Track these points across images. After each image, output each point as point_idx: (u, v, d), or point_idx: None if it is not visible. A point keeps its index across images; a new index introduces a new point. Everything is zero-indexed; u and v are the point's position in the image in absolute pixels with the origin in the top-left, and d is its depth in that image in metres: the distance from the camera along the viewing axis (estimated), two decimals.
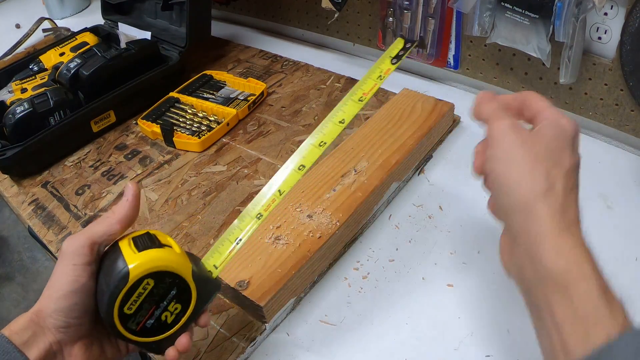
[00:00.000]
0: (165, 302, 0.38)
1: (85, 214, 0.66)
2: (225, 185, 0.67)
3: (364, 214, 0.58)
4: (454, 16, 0.73)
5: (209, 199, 0.65)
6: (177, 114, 0.79)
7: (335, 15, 0.82)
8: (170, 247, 0.39)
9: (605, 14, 0.59)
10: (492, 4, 0.65)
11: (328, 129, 0.44)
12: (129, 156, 0.75)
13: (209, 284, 0.40)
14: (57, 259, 0.60)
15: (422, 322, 0.49)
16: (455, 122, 0.72)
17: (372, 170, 0.60)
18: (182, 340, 0.39)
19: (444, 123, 0.69)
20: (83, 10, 1.32)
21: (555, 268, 0.31)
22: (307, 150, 0.43)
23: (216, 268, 0.41)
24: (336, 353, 0.48)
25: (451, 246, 0.56)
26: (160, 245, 0.38)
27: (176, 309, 0.38)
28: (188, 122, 0.77)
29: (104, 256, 0.38)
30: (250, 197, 0.64)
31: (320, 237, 0.53)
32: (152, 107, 0.80)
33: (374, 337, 0.48)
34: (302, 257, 0.51)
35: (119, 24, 0.96)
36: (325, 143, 0.43)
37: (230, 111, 0.78)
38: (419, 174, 0.66)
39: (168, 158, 0.74)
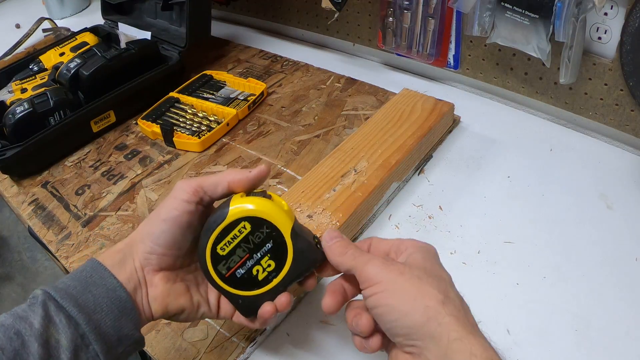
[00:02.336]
0: (259, 254, 0.38)
1: (85, 214, 0.66)
2: None
3: (364, 214, 0.58)
4: (454, 16, 0.73)
5: None
6: (177, 114, 0.79)
7: (335, 15, 0.82)
8: (278, 206, 0.38)
9: (605, 14, 0.59)
10: (492, 4, 0.65)
11: None
12: (129, 156, 0.75)
13: (309, 251, 0.39)
14: (57, 258, 0.61)
15: None
16: (455, 122, 0.72)
17: (372, 170, 0.60)
18: (282, 299, 0.40)
19: (444, 123, 0.69)
20: (83, 10, 1.32)
21: None
22: None
23: (318, 240, 0.40)
24: (336, 353, 0.48)
25: (451, 246, 0.56)
26: (265, 197, 0.38)
27: (269, 265, 0.38)
28: (188, 122, 0.77)
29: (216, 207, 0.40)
30: None
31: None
32: (152, 107, 0.80)
33: None
34: None
35: (119, 24, 0.96)
36: None
37: (230, 111, 0.78)
38: (419, 174, 0.66)
39: (168, 158, 0.74)
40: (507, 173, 0.64)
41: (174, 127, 0.76)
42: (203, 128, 0.76)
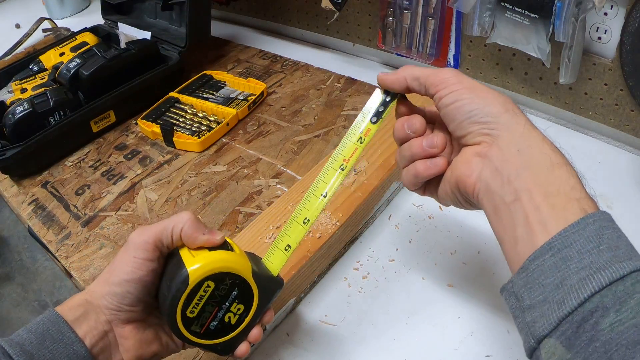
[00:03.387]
0: (227, 303, 0.37)
1: (85, 214, 0.66)
2: (225, 185, 0.67)
3: (364, 214, 0.58)
4: (454, 16, 0.73)
5: (209, 199, 0.65)
6: (177, 114, 0.79)
7: (335, 15, 0.82)
8: (229, 248, 0.38)
9: (605, 14, 0.59)
10: (492, 4, 0.65)
11: (310, 203, 0.40)
12: (129, 156, 0.75)
13: (270, 283, 0.40)
14: (56, 259, 0.61)
15: (422, 322, 0.49)
16: None
17: (372, 170, 0.60)
18: (254, 333, 0.40)
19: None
20: (83, 10, 1.32)
21: (542, 152, 0.35)
22: (292, 228, 0.41)
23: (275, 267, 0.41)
24: (336, 353, 0.48)
25: (451, 246, 0.56)
26: (218, 247, 0.38)
27: (239, 309, 0.38)
28: (188, 122, 0.77)
29: (166, 260, 0.39)
30: (250, 197, 0.64)
31: (320, 237, 0.53)
32: (152, 107, 0.80)
33: (373, 337, 0.48)
34: (302, 257, 0.51)
35: (119, 24, 0.96)
36: (308, 220, 0.40)
37: (230, 111, 0.78)
38: None
39: (168, 158, 0.74)
40: None
41: (174, 127, 0.76)
42: (203, 128, 0.76)
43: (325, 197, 0.40)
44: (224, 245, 0.39)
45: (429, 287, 0.52)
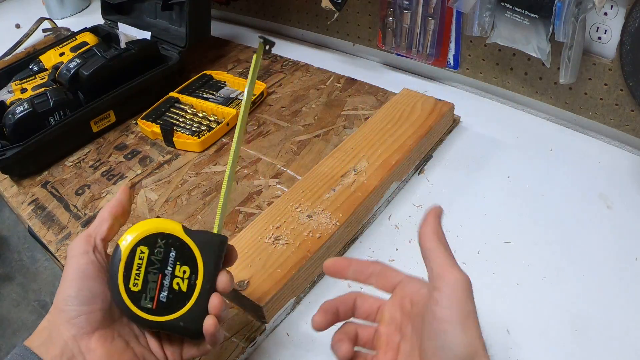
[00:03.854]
0: (169, 268, 0.37)
1: (85, 214, 0.66)
2: None
3: (364, 214, 0.58)
4: (454, 16, 0.73)
5: (209, 199, 0.65)
6: (177, 114, 0.79)
7: (335, 15, 0.82)
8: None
9: (605, 14, 0.59)
10: (492, 4, 0.65)
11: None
12: (129, 156, 0.75)
13: (211, 239, 0.38)
14: (56, 259, 0.61)
15: None
16: (455, 122, 0.72)
17: (372, 170, 0.60)
18: (213, 301, 0.38)
19: (444, 123, 0.69)
20: (83, 10, 1.32)
21: None
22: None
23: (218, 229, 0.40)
24: None
25: (451, 246, 0.55)
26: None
27: (184, 272, 0.37)
28: (188, 122, 0.77)
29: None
30: (250, 197, 0.64)
31: (320, 237, 0.53)
32: (152, 107, 0.80)
33: None
34: (302, 257, 0.51)
35: (119, 24, 0.96)
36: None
37: (230, 111, 0.78)
38: (419, 174, 0.66)
39: (168, 158, 0.74)
40: (507, 173, 0.64)
41: (174, 127, 0.76)
42: (203, 128, 0.76)
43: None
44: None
45: None
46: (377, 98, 0.79)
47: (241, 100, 0.81)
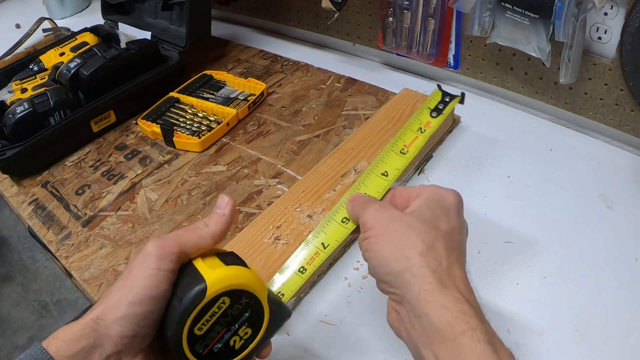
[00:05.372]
0: (237, 325, 0.35)
1: (85, 214, 0.66)
2: (225, 185, 0.67)
3: None
4: (454, 16, 0.73)
5: (209, 199, 0.65)
6: (177, 114, 0.79)
7: (335, 15, 0.82)
8: (245, 266, 0.36)
9: (605, 14, 0.59)
10: (492, 4, 0.65)
11: (372, 181, 0.43)
12: (129, 156, 0.75)
13: (280, 310, 0.38)
14: (57, 258, 0.61)
15: None
16: (455, 122, 0.72)
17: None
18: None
19: (444, 123, 0.69)
20: (83, 10, 1.32)
21: (441, 322, 0.31)
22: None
23: (282, 295, 0.40)
24: (336, 353, 0.48)
25: None
26: (237, 263, 0.36)
27: (246, 333, 0.36)
28: (188, 122, 0.77)
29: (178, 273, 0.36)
30: (250, 197, 0.64)
31: None
32: (152, 107, 0.80)
33: (374, 337, 0.48)
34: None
35: (119, 24, 0.96)
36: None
37: (230, 111, 0.78)
38: (419, 174, 0.66)
39: (168, 158, 0.74)
40: (507, 173, 0.64)
41: (174, 127, 0.76)
42: (203, 128, 0.76)
43: (386, 175, 0.43)
44: (241, 262, 0.37)
45: None
46: (377, 98, 0.79)
47: (241, 100, 0.81)
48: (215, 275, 0.33)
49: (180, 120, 0.78)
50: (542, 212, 0.58)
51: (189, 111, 0.79)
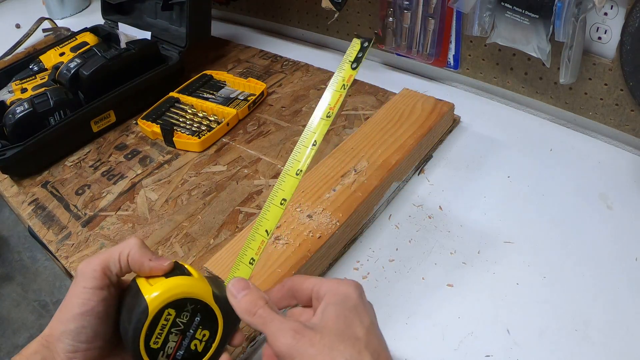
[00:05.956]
0: (191, 330, 0.36)
1: (85, 214, 0.66)
2: (225, 185, 0.67)
3: (364, 214, 0.58)
4: (454, 16, 0.73)
5: (209, 199, 0.65)
6: (177, 114, 0.79)
7: (335, 15, 0.82)
8: (186, 273, 0.37)
9: (605, 14, 0.59)
10: (492, 4, 0.65)
11: (304, 155, 0.41)
12: (129, 156, 0.75)
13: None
14: (57, 258, 0.61)
15: (422, 322, 0.49)
16: (455, 122, 0.72)
17: (372, 170, 0.60)
18: (223, 359, 0.38)
19: (444, 123, 0.69)
20: (83, 10, 1.32)
21: None
22: (285, 181, 0.40)
23: None
24: None
25: (451, 246, 0.56)
26: (174, 274, 0.37)
27: (204, 335, 0.37)
28: (188, 122, 0.77)
29: (124, 292, 0.38)
30: (250, 197, 0.64)
31: (320, 237, 0.53)
32: (152, 107, 0.80)
33: None
34: (302, 257, 0.51)
35: (119, 24, 0.96)
36: (301, 171, 0.40)
37: (230, 111, 0.78)
38: (419, 174, 0.66)
39: (168, 158, 0.74)
40: (507, 173, 0.64)
41: (174, 127, 0.76)
42: (203, 128, 0.76)
43: (314, 145, 0.40)
44: (182, 271, 0.38)
45: (429, 287, 0.52)
46: (377, 98, 0.79)
47: (241, 100, 0.81)
48: (153, 290, 0.35)
49: (180, 120, 0.78)
50: (542, 212, 0.58)
51: (189, 111, 0.79)
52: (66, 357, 0.35)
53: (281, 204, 0.40)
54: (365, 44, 0.43)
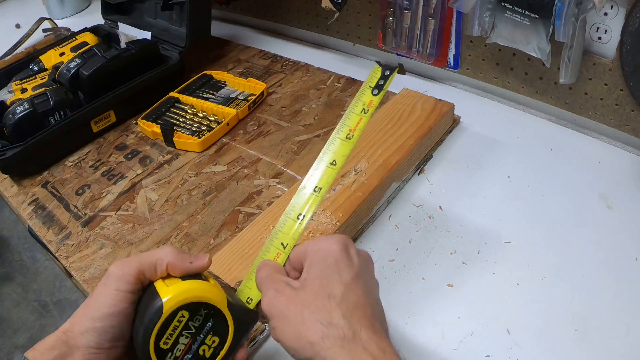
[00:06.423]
0: (202, 335, 0.37)
1: (85, 214, 0.66)
2: (225, 185, 0.67)
3: (364, 214, 0.58)
4: (454, 16, 0.73)
5: (209, 199, 0.65)
6: (177, 114, 0.79)
7: (335, 15, 0.82)
8: (202, 279, 0.38)
9: (605, 14, 0.59)
10: (492, 4, 0.65)
11: (323, 172, 0.42)
12: (129, 156, 0.75)
13: (246, 315, 0.39)
14: (57, 258, 0.61)
15: (422, 322, 0.49)
16: (456, 122, 0.72)
17: (372, 170, 0.60)
18: None
19: (444, 123, 0.69)
20: (83, 10, 1.32)
21: None
22: (305, 199, 0.41)
23: (251, 300, 0.40)
24: None
25: (451, 246, 0.56)
26: (191, 277, 0.38)
27: (214, 342, 0.37)
28: (188, 122, 0.77)
29: (142, 293, 0.38)
30: (250, 197, 0.64)
31: (320, 237, 0.53)
32: (152, 107, 0.80)
33: None
34: None
35: (119, 24, 0.96)
36: (320, 189, 0.41)
37: (230, 111, 0.78)
38: (419, 174, 0.66)
39: (168, 158, 0.74)
40: (507, 173, 0.64)
41: (174, 127, 0.76)
42: (203, 128, 0.76)
43: (334, 165, 0.42)
44: (198, 276, 0.38)
45: (429, 287, 0.52)
46: None
47: (241, 100, 0.81)
48: (170, 292, 0.36)
49: (180, 120, 0.78)
50: (542, 212, 0.58)
51: (189, 111, 0.79)
52: (87, 353, 0.35)
53: (298, 218, 0.41)
54: (387, 72, 0.44)
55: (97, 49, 0.83)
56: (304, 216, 0.41)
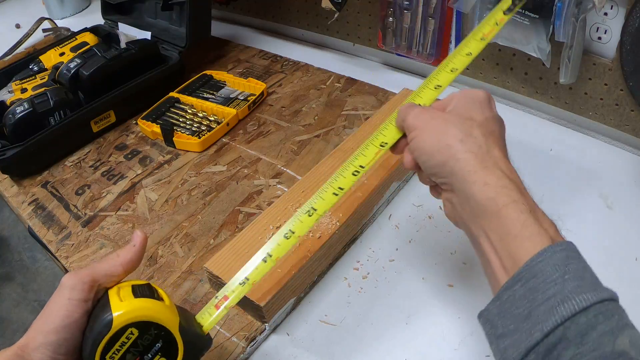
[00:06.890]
0: (150, 355, 0.36)
1: (85, 214, 0.66)
2: (225, 185, 0.67)
3: (364, 213, 0.58)
4: (454, 16, 0.73)
5: (209, 199, 0.65)
6: (177, 114, 0.79)
7: (335, 15, 0.82)
8: (159, 299, 0.38)
9: (605, 14, 0.59)
10: (492, 4, 0.65)
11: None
12: (129, 156, 0.75)
13: (198, 340, 0.39)
14: (57, 258, 0.61)
15: (422, 322, 0.49)
16: None
17: (372, 170, 0.60)
18: None
19: None
20: (83, 10, 1.32)
21: (485, 198, 0.34)
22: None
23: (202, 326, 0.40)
24: (336, 353, 0.48)
25: (451, 246, 0.56)
26: (147, 295, 0.37)
27: None
28: (188, 122, 0.77)
29: (95, 303, 0.38)
30: (250, 197, 0.64)
31: (320, 237, 0.53)
32: (152, 107, 0.80)
33: (373, 337, 0.48)
34: (302, 257, 0.51)
35: (119, 24, 0.96)
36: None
37: (230, 111, 0.78)
38: None
39: (168, 158, 0.74)
40: None
41: (174, 127, 0.76)
42: (203, 128, 0.76)
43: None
44: (154, 295, 0.38)
45: (429, 287, 0.52)
46: (377, 98, 0.79)
47: (241, 100, 0.81)
48: (122, 308, 0.35)
49: (180, 120, 0.78)
50: None
51: (189, 111, 0.79)
52: None
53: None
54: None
55: (97, 49, 0.83)
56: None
